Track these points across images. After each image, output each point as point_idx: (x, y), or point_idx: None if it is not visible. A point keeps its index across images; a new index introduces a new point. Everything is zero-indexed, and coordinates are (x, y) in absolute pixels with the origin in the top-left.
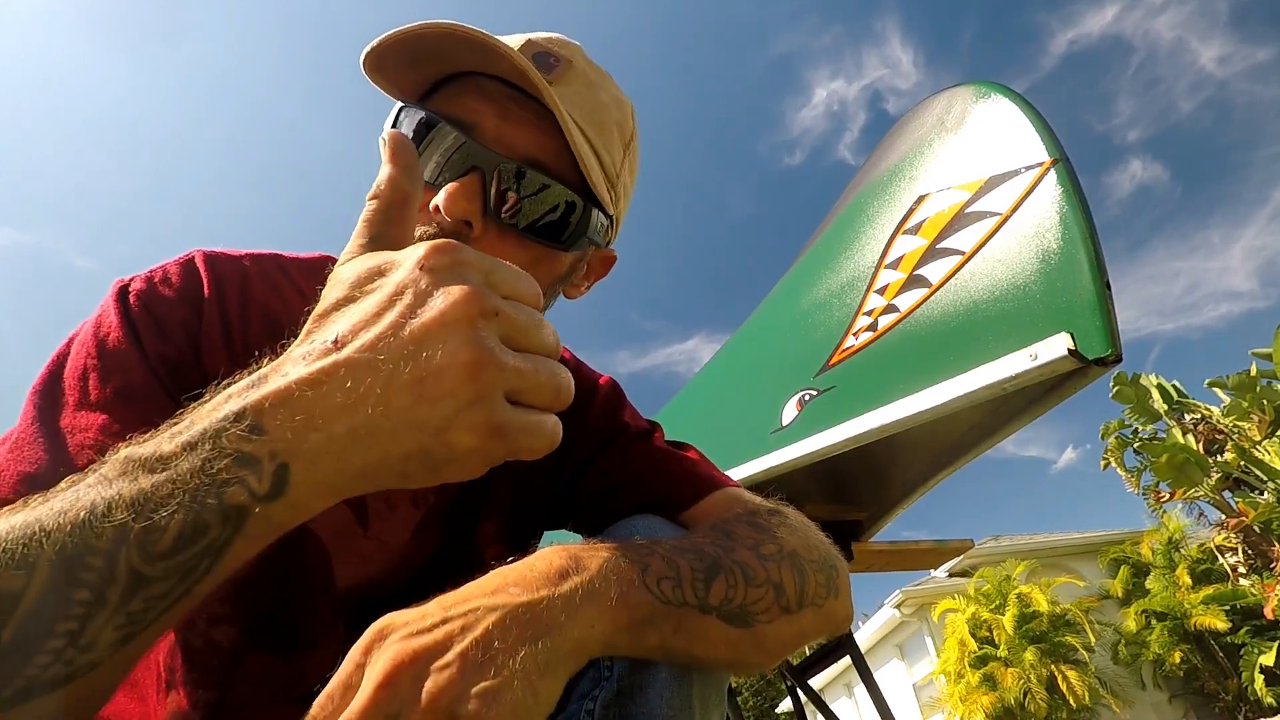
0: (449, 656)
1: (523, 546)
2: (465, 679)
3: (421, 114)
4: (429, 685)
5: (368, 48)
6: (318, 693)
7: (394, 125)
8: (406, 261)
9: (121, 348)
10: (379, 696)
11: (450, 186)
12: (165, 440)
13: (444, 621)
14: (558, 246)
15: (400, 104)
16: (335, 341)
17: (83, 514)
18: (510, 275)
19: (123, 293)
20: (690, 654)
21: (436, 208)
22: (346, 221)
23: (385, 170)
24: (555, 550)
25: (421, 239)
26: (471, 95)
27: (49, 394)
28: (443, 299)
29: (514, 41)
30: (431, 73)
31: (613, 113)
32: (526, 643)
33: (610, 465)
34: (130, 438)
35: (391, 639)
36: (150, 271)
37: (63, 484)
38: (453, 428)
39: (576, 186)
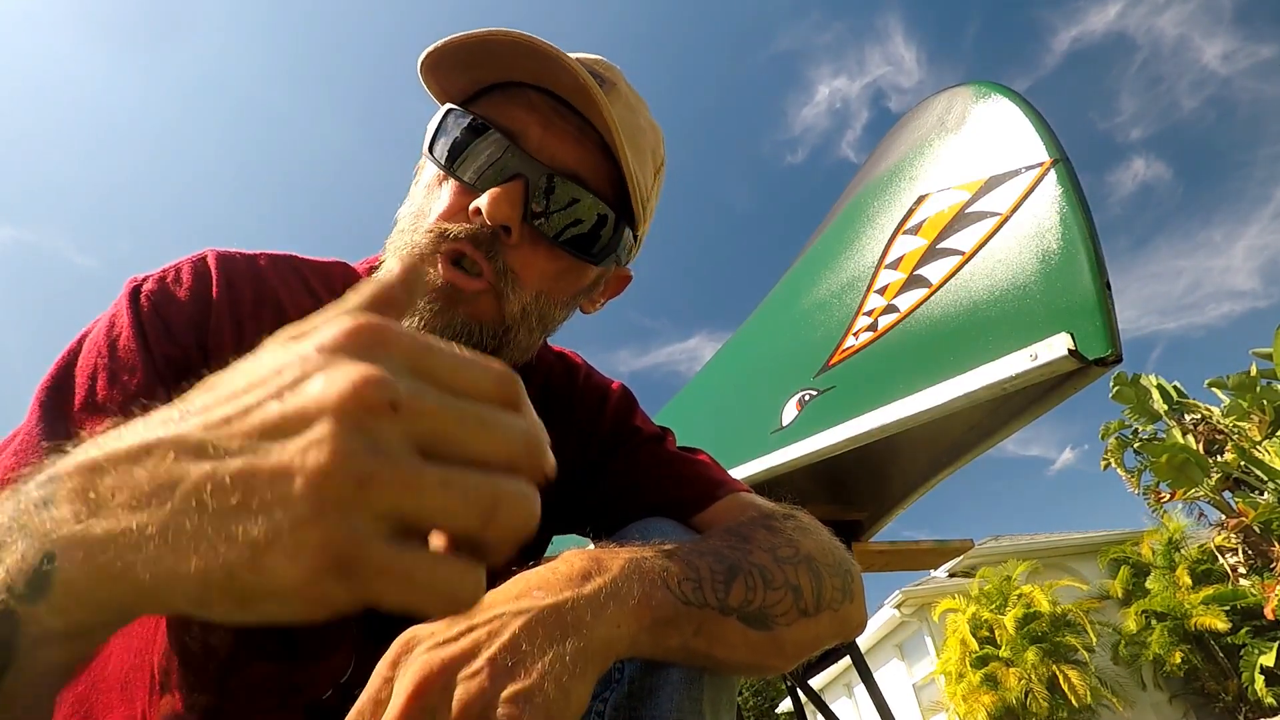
0: (477, 663)
1: (534, 550)
2: (495, 684)
3: (469, 117)
4: (459, 693)
5: (432, 47)
6: (329, 698)
7: (440, 126)
8: (311, 338)
9: (131, 350)
10: (410, 709)
11: (494, 191)
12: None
13: (470, 629)
14: (588, 259)
15: (448, 106)
16: (179, 414)
17: None
18: (455, 363)
19: (135, 293)
20: (711, 655)
21: (476, 210)
22: (348, 222)
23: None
24: (576, 553)
25: (456, 238)
26: (518, 105)
27: (56, 392)
28: (321, 383)
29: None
30: (482, 78)
31: (648, 137)
32: (554, 644)
33: (622, 469)
34: None
35: (418, 650)
36: (163, 270)
37: None
38: (271, 549)
39: (611, 202)
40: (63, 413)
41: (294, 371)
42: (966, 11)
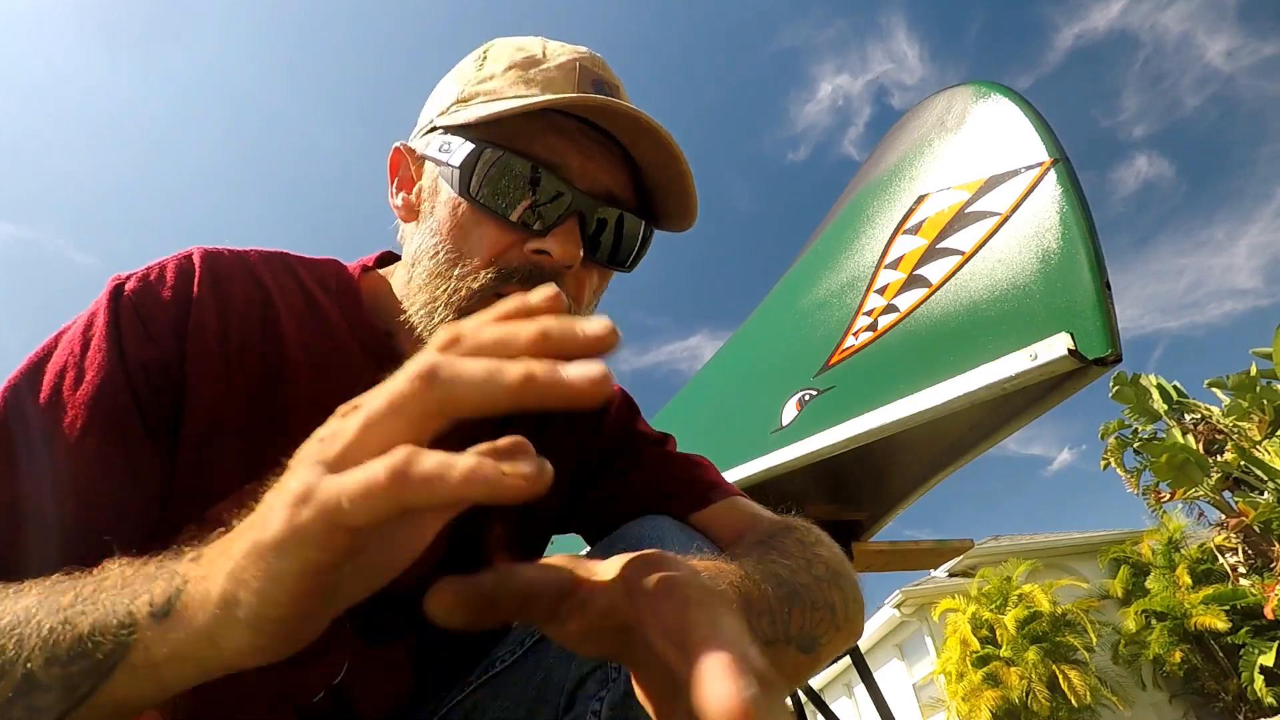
0: None
1: (532, 552)
2: None
3: (504, 152)
4: None
5: (502, 112)
6: (321, 701)
7: (474, 164)
8: None
9: (103, 350)
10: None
11: (560, 235)
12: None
13: None
14: (624, 269)
15: (468, 140)
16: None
17: (29, 609)
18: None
19: (116, 292)
20: None
21: (538, 250)
22: (344, 219)
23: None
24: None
25: (510, 278)
26: (547, 132)
27: (23, 387)
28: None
29: (555, 56)
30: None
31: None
32: None
33: (620, 471)
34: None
35: None
36: (147, 269)
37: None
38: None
39: (643, 214)
40: (25, 407)
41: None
42: (969, 8)
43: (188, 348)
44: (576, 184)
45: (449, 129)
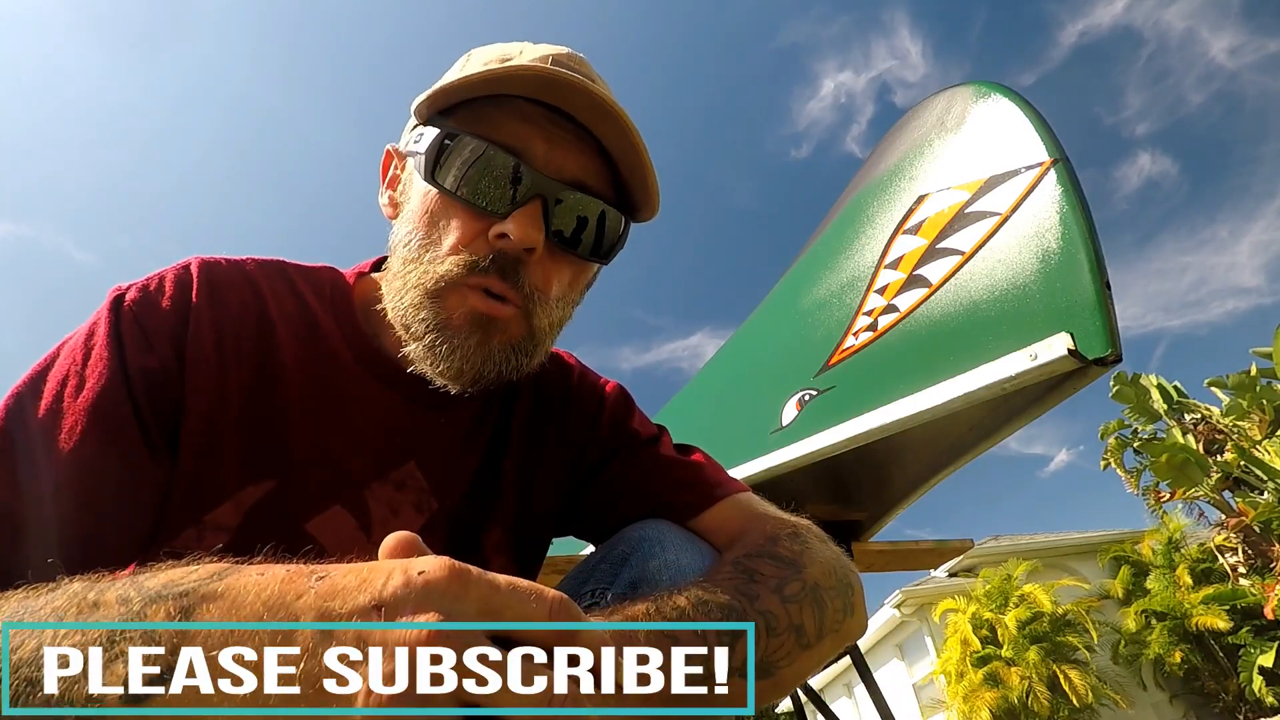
0: None
1: (530, 555)
2: None
3: (472, 140)
4: None
5: (448, 85)
6: None
7: (439, 150)
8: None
9: (103, 360)
10: None
11: (519, 216)
12: (129, 586)
13: None
14: (598, 259)
15: (443, 130)
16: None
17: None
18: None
19: (117, 302)
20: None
21: (500, 234)
22: (343, 218)
23: None
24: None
25: (476, 268)
26: (513, 118)
27: (25, 397)
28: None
29: (530, 54)
30: (468, 94)
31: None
32: None
33: (618, 473)
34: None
35: None
36: (147, 279)
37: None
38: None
39: (613, 201)
40: (27, 415)
41: (396, 587)
42: (973, 4)
43: (186, 356)
44: (540, 169)
45: (423, 121)
